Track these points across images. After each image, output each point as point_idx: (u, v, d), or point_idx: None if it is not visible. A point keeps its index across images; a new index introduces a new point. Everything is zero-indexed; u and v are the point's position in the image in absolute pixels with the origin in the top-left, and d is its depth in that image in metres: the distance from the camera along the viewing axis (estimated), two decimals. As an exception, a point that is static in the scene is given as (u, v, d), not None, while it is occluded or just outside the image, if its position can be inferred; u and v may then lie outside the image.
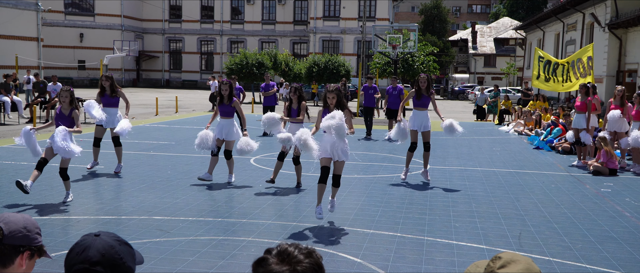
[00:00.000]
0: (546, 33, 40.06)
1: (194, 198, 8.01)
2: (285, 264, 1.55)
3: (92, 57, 49.11)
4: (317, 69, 37.06)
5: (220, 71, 52.27)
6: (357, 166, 11.27)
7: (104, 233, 1.78)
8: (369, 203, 8.06)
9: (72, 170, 9.89)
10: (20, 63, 30.34)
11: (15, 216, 1.97)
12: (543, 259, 5.68)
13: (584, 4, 30.36)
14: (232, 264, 5.34)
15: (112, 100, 9.94)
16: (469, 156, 13.21)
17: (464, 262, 5.57)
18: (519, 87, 40.86)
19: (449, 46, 66.61)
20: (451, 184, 9.66)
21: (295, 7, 54.77)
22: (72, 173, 9.72)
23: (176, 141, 14.17)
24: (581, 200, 8.66)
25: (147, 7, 55.86)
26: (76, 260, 1.71)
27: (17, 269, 1.95)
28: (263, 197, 8.23)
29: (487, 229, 6.79)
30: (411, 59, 36.73)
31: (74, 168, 10.04)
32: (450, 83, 63.30)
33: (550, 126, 16.12)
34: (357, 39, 51.39)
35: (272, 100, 17.35)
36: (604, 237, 6.56)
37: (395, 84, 16.65)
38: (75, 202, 7.72)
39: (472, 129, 20.48)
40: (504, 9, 73.28)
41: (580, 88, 12.27)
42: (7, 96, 18.63)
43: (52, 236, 5.98)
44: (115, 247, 1.74)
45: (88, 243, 1.73)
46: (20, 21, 35.22)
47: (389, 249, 5.90)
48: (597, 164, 11.13)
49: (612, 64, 27.48)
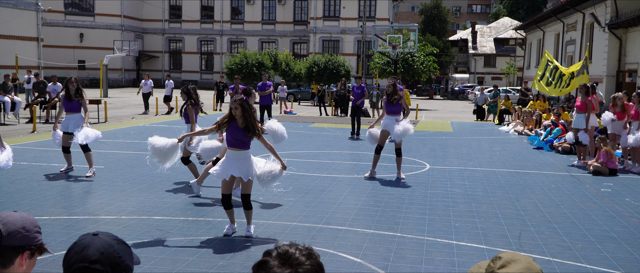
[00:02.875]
0: (546, 33, 40.06)
1: (194, 198, 8.01)
2: (287, 267, 1.54)
3: (92, 57, 49.10)
4: (317, 69, 37.05)
5: (221, 70, 52.28)
6: (357, 166, 11.27)
7: (103, 232, 1.79)
8: (369, 203, 8.06)
9: (74, 170, 9.89)
10: (20, 63, 30.34)
11: (14, 216, 1.96)
12: (543, 259, 5.68)
13: (584, 4, 30.36)
14: (232, 264, 5.34)
15: (72, 105, 9.66)
16: (469, 156, 13.21)
17: (464, 262, 5.57)
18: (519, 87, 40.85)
19: (449, 46, 66.60)
20: (451, 184, 9.66)
21: (295, 7, 54.76)
22: (74, 171, 9.73)
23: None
24: (581, 200, 8.66)
25: (147, 7, 55.85)
26: (75, 259, 1.71)
27: (17, 269, 1.94)
28: (263, 197, 8.23)
29: (487, 229, 6.79)
30: (411, 59, 36.71)
31: (76, 168, 10.05)
32: (450, 83, 63.30)
33: (550, 126, 16.12)
34: (357, 39, 51.38)
35: (268, 99, 17.38)
36: (604, 237, 6.56)
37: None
38: (75, 202, 7.72)
39: (472, 129, 20.48)
40: (504, 9, 73.27)
41: (580, 88, 12.27)
42: (7, 96, 18.62)
43: (52, 236, 5.98)
44: (113, 246, 1.75)
45: (87, 242, 1.74)
46: (20, 21, 35.21)
47: (389, 249, 5.90)
48: (597, 164, 11.13)
49: (612, 64, 27.49)
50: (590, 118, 12.06)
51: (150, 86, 24.98)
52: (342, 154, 13.23)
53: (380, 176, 10.17)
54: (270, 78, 30.31)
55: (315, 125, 20.67)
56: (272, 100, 18.06)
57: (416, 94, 54.59)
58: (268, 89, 17.27)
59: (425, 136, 17.75)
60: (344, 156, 12.85)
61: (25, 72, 25.57)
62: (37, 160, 10.87)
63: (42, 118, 19.39)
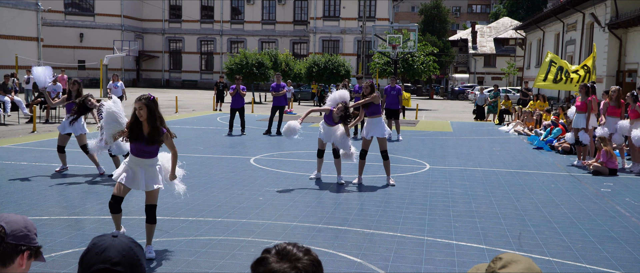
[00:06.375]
0: (546, 33, 40.07)
1: (194, 198, 8.01)
2: (286, 262, 1.56)
3: (92, 57, 49.12)
4: (317, 69, 37.06)
5: (221, 71, 52.30)
6: (357, 166, 11.26)
7: (121, 235, 1.81)
8: (369, 203, 8.06)
9: (74, 170, 9.90)
10: (20, 63, 30.34)
11: (16, 216, 1.98)
12: (543, 259, 5.68)
13: (584, 4, 30.37)
14: (232, 264, 5.34)
15: (72, 106, 9.68)
16: (469, 156, 13.21)
17: (464, 262, 5.57)
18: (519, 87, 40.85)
19: (449, 46, 66.60)
20: (451, 184, 9.66)
21: (295, 7, 54.78)
22: (74, 171, 9.73)
23: (176, 141, 14.15)
24: (581, 200, 8.66)
25: (147, 7, 55.86)
26: (95, 260, 1.72)
27: (17, 269, 1.95)
28: (263, 197, 8.23)
29: (487, 229, 6.79)
30: (411, 59, 36.72)
31: (75, 168, 10.05)
32: (450, 83, 63.31)
33: (550, 126, 16.12)
34: (357, 39, 51.40)
35: (282, 100, 17.29)
36: (604, 237, 6.56)
37: (394, 84, 16.65)
38: (75, 202, 7.72)
39: (472, 129, 20.49)
40: (504, 9, 73.28)
41: (580, 88, 12.28)
42: (7, 96, 18.63)
43: (52, 236, 5.98)
44: (133, 249, 1.78)
45: (107, 243, 1.75)
46: (20, 21, 35.22)
47: (389, 249, 5.90)
48: (597, 164, 11.13)
49: (612, 64, 27.50)
50: (591, 118, 12.06)
51: (122, 89, 21.70)
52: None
53: (379, 176, 10.17)
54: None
55: (315, 125, 20.67)
56: (286, 101, 17.93)
57: (416, 94, 54.61)
58: (282, 90, 17.19)
59: (425, 136, 17.75)
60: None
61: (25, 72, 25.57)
62: (37, 160, 10.88)
63: (42, 118, 19.39)
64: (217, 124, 19.88)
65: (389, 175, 9.54)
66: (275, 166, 11.01)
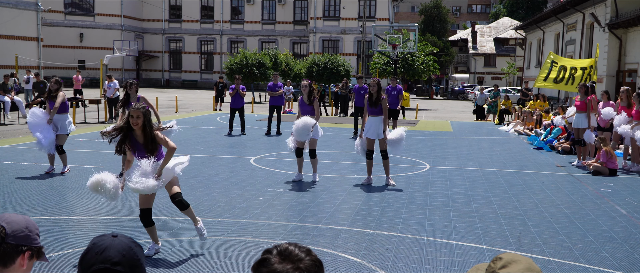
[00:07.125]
0: (546, 33, 40.07)
1: (194, 198, 8.00)
2: (288, 262, 1.56)
3: (92, 57, 49.11)
4: (317, 69, 37.05)
5: (220, 71, 52.30)
6: (357, 166, 11.27)
7: (121, 234, 1.81)
8: (369, 203, 8.07)
9: (74, 170, 9.90)
10: (20, 63, 30.34)
11: (17, 216, 1.98)
12: (543, 259, 5.68)
13: (584, 4, 30.37)
14: (232, 264, 5.34)
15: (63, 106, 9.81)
16: (469, 156, 13.21)
17: (464, 262, 5.57)
18: (519, 87, 40.85)
19: (449, 46, 66.61)
20: (451, 184, 9.66)
21: (295, 7, 54.78)
22: (75, 171, 9.74)
23: (176, 141, 14.15)
24: (581, 200, 8.66)
25: (147, 7, 55.86)
26: (95, 259, 1.72)
27: (17, 269, 1.95)
28: (263, 197, 8.23)
29: (487, 229, 6.79)
30: (411, 59, 36.72)
31: (76, 168, 10.05)
32: (450, 83, 63.30)
33: (550, 126, 16.12)
34: (357, 39, 51.41)
35: (279, 100, 17.32)
36: (603, 237, 6.56)
37: (395, 84, 16.65)
38: (75, 202, 7.72)
39: (472, 129, 20.49)
40: (504, 9, 73.28)
41: (579, 88, 12.28)
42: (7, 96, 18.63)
43: (52, 236, 5.98)
44: (133, 248, 1.78)
45: (107, 243, 1.75)
46: (20, 21, 35.21)
47: (389, 249, 5.90)
48: (597, 164, 11.13)
49: (612, 64, 27.49)
50: (591, 117, 12.07)
51: (115, 89, 20.77)
52: (342, 154, 13.23)
53: (379, 176, 10.16)
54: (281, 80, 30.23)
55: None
56: (283, 101, 17.93)
57: (416, 94, 54.61)
58: (279, 90, 17.21)
59: (425, 136, 17.75)
60: (344, 156, 12.85)
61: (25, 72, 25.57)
62: (37, 160, 10.88)
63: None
64: (217, 124, 19.88)
65: (388, 175, 9.53)
66: (275, 166, 11.01)
